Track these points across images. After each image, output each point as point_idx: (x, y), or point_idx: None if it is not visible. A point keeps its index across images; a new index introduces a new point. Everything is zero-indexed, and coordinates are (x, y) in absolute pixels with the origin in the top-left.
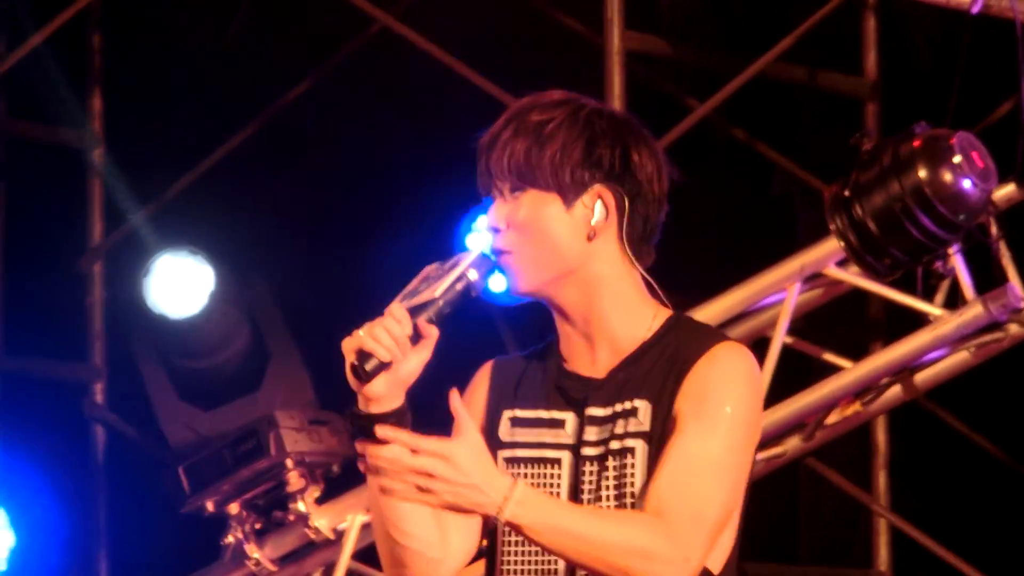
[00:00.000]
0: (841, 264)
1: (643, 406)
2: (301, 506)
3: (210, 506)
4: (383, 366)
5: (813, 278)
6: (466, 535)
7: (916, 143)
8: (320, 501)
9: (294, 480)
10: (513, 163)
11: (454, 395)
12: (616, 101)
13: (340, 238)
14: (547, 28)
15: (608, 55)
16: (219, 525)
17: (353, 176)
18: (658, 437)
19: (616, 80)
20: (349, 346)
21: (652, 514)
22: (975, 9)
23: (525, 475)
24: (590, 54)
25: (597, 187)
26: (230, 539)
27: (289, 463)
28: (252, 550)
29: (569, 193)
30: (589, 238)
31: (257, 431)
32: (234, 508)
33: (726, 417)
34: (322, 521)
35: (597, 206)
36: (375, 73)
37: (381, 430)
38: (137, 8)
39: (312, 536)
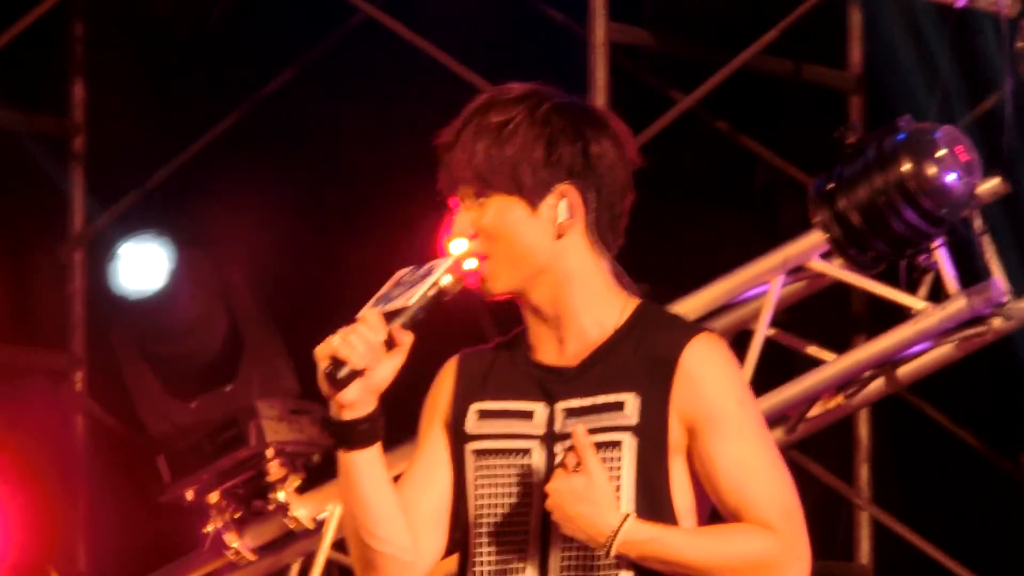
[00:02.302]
0: (824, 257)
1: (630, 400)
2: (281, 495)
3: (190, 495)
4: (356, 373)
5: (796, 271)
6: (436, 537)
7: (900, 137)
8: (300, 491)
9: (274, 469)
10: (474, 166)
11: (578, 428)
12: (600, 93)
13: (326, 225)
14: (531, 19)
15: (592, 47)
16: (199, 514)
17: (337, 165)
18: (649, 432)
19: (600, 72)
20: (322, 353)
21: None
22: (960, 3)
23: (494, 466)
24: (574, 45)
25: (560, 186)
26: (209, 528)
27: (269, 453)
28: (232, 539)
29: (533, 195)
30: (558, 236)
31: (237, 420)
32: (214, 497)
33: (743, 412)
34: (302, 511)
35: (562, 205)
36: (359, 62)
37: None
38: None
39: (292, 526)
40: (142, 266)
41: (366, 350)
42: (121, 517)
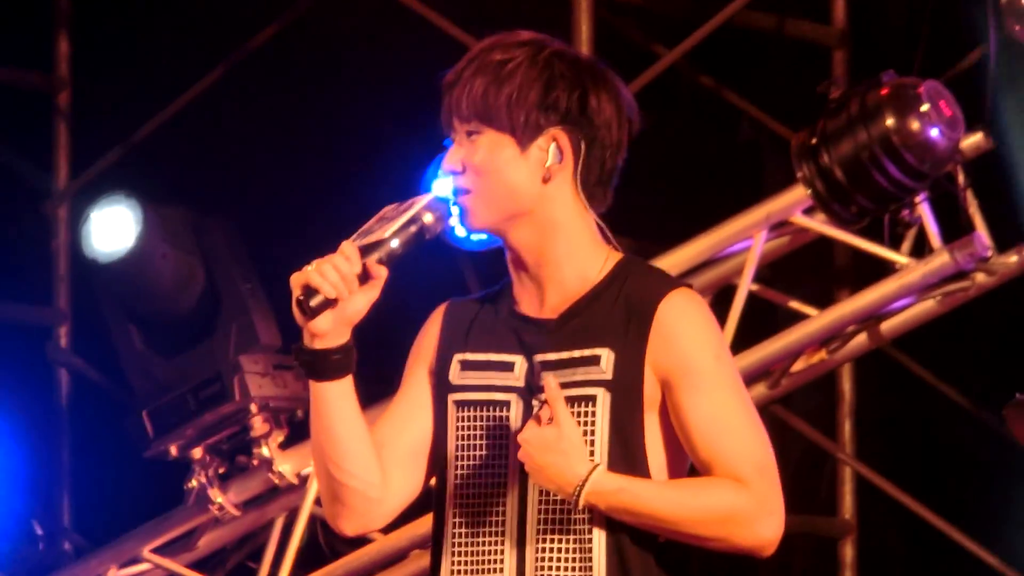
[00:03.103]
0: (808, 212)
1: (605, 354)
2: (265, 451)
3: (174, 450)
4: (328, 303)
5: (779, 226)
6: (407, 479)
7: (884, 91)
8: (284, 446)
9: (258, 425)
10: (470, 102)
11: (549, 379)
12: (584, 47)
13: (312, 178)
14: None
15: (576, 1)
16: (182, 469)
17: (323, 119)
18: (624, 387)
19: (584, 26)
20: (297, 281)
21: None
22: None
23: (474, 418)
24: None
25: (552, 130)
26: (193, 483)
27: (253, 408)
28: (215, 495)
29: (524, 136)
30: (544, 180)
31: (221, 375)
32: (197, 453)
33: (718, 367)
34: (286, 466)
35: (552, 149)
36: (343, 16)
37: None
38: None
39: (276, 481)
40: (112, 229)
41: (339, 280)
42: (105, 472)
